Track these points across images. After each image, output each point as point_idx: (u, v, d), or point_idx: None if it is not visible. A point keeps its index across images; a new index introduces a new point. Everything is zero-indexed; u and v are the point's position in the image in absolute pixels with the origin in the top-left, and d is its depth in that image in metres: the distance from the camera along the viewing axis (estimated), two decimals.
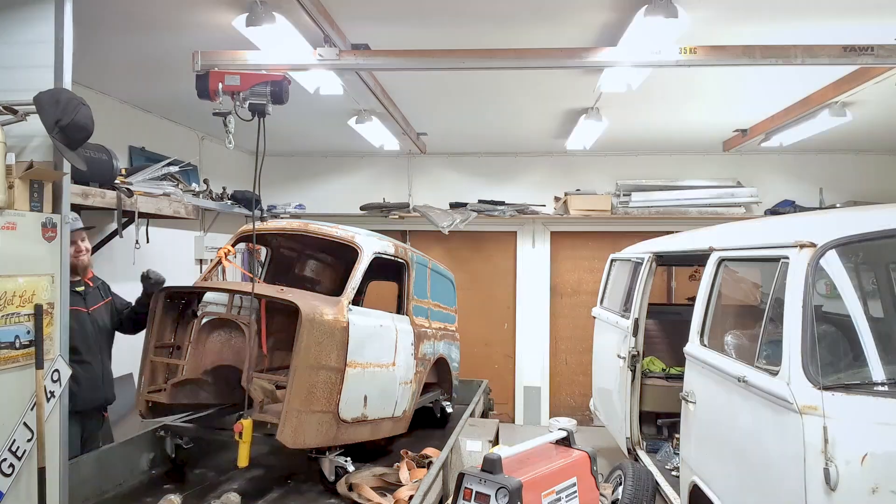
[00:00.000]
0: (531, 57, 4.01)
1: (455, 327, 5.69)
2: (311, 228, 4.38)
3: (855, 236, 2.73)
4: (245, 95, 3.51)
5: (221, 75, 3.53)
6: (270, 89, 3.50)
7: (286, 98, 3.55)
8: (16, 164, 2.78)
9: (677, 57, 3.85)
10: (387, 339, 4.20)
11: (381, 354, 4.12)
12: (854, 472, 2.32)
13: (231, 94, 3.52)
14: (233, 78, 3.52)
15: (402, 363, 4.31)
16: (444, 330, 5.30)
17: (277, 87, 3.51)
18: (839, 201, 7.42)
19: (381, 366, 4.11)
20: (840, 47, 3.75)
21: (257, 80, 3.53)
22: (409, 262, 4.70)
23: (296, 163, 8.50)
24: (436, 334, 5.03)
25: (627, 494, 3.95)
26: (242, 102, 3.53)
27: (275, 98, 3.52)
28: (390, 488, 3.84)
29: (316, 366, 3.62)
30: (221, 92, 3.53)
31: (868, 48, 3.72)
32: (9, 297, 2.65)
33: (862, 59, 3.80)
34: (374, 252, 4.20)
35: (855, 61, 3.88)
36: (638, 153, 8.09)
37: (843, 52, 3.76)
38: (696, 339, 3.71)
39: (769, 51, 3.83)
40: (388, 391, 4.19)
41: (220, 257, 4.14)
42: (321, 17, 3.68)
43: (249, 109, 3.54)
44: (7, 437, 2.67)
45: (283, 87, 3.53)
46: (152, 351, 4.02)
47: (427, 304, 5.00)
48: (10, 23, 2.98)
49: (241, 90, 3.51)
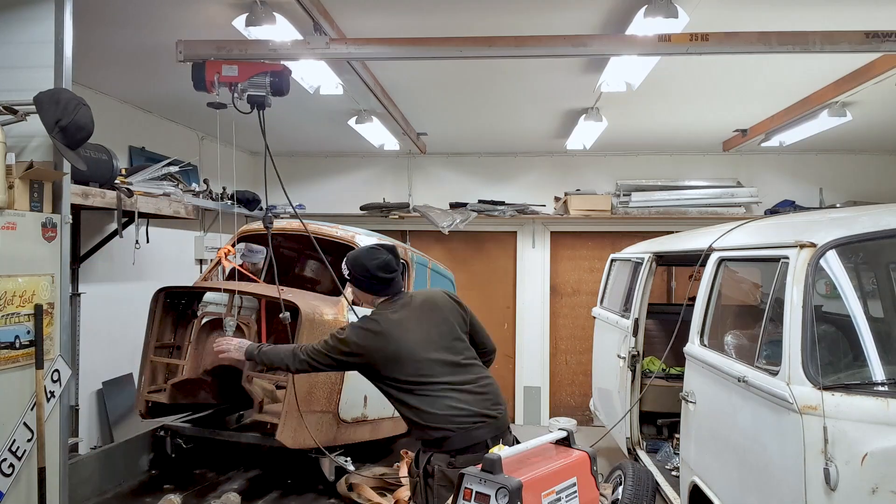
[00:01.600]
0: (532, 45, 3.76)
1: None
2: (311, 229, 4.38)
3: (855, 236, 2.73)
4: (244, 87, 3.31)
5: (218, 65, 3.31)
6: (270, 80, 3.31)
7: (287, 89, 3.36)
8: (16, 164, 2.78)
9: (687, 45, 3.58)
10: None
11: None
12: (854, 472, 2.32)
13: (229, 86, 3.32)
14: (230, 68, 3.30)
15: None
16: None
17: (278, 78, 3.32)
18: (839, 201, 7.42)
19: None
20: (862, 33, 3.48)
21: (256, 70, 3.31)
22: (410, 263, 4.70)
23: (296, 163, 8.50)
24: None
25: (627, 494, 3.95)
26: (241, 94, 3.33)
27: (275, 89, 3.33)
28: (390, 488, 3.84)
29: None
30: (218, 83, 3.32)
31: (892, 34, 3.47)
32: (9, 297, 2.65)
33: (886, 45, 3.51)
34: None
35: (878, 48, 3.58)
36: (638, 153, 8.09)
37: (865, 39, 3.49)
38: (696, 339, 3.70)
39: (786, 37, 3.57)
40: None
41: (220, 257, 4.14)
42: (321, 17, 3.67)
43: (248, 102, 3.34)
44: (7, 437, 2.67)
45: (283, 77, 3.34)
46: (152, 351, 4.03)
47: None
48: (10, 23, 2.99)
49: (239, 81, 3.30)
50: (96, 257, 5.03)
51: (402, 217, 8.02)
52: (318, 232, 4.38)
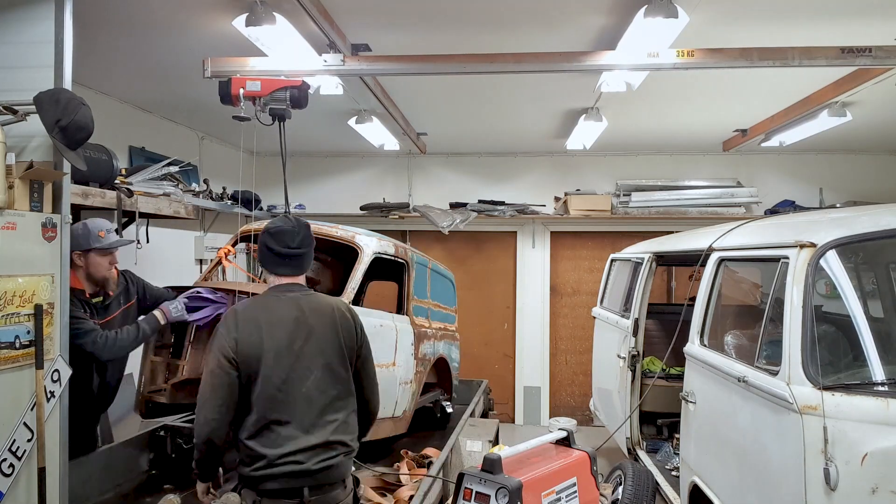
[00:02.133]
0: (530, 61, 4.05)
1: (455, 327, 5.69)
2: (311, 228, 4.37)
3: (855, 236, 2.73)
4: (266, 101, 3.62)
5: (243, 81, 3.64)
6: (290, 94, 3.62)
7: (305, 102, 3.68)
8: (16, 164, 2.78)
9: (674, 60, 3.86)
10: (387, 339, 4.20)
11: (382, 354, 4.12)
12: (854, 472, 2.33)
13: (252, 100, 3.63)
14: (254, 84, 3.63)
15: (403, 363, 4.31)
16: (444, 330, 5.29)
17: (297, 92, 3.64)
18: (839, 201, 7.42)
19: (382, 366, 4.11)
20: (838, 48, 3.74)
21: (277, 85, 3.65)
22: (410, 262, 4.69)
23: (296, 163, 8.50)
24: (436, 334, 5.03)
25: (627, 494, 3.96)
26: (263, 108, 3.64)
27: (294, 102, 3.63)
28: (390, 488, 3.84)
29: None
30: (243, 97, 3.63)
31: (866, 49, 3.71)
32: (9, 297, 2.65)
33: (860, 60, 3.77)
34: (375, 252, 4.19)
35: (853, 63, 3.85)
36: (638, 153, 8.09)
37: (840, 54, 3.74)
38: (696, 339, 3.71)
39: (766, 53, 3.82)
40: (388, 391, 4.19)
41: (220, 257, 4.14)
42: (321, 17, 3.68)
43: (270, 114, 3.66)
44: (7, 437, 2.67)
45: (302, 91, 3.66)
46: (152, 351, 4.02)
47: (427, 304, 5.00)
48: (10, 23, 2.98)
49: (261, 95, 3.62)
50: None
51: (402, 217, 8.02)
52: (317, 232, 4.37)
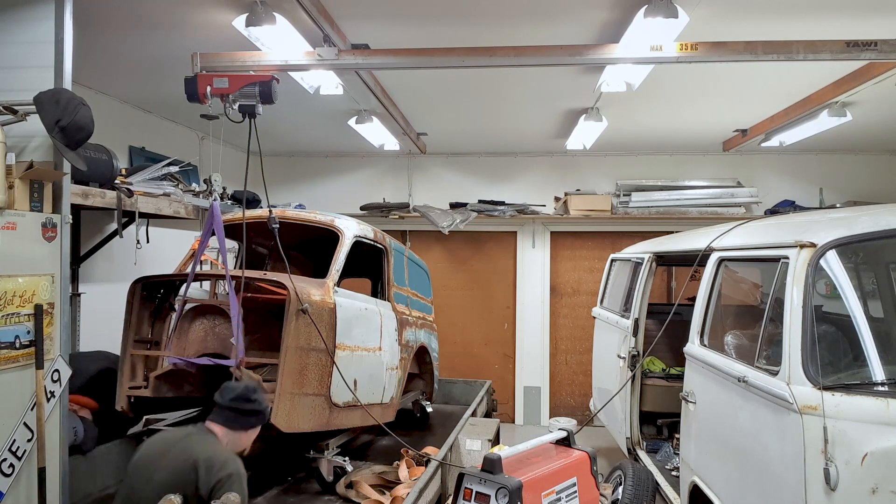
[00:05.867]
0: (531, 55, 3.99)
1: (433, 318, 5.72)
2: (290, 215, 4.36)
3: (855, 236, 2.73)
4: (234, 97, 3.53)
5: (210, 78, 3.54)
6: (259, 90, 3.52)
7: (275, 98, 3.59)
8: (16, 164, 2.78)
9: (677, 54, 3.82)
10: (372, 323, 4.21)
11: (368, 338, 4.13)
12: (854, 472, 2.32)
13: (220, 97, 3.54)
14: (221, 81, 3.53)
15: (388, 348, 4.33)
16: (424, 319, 5.34)
17: (266, 88, 3.54)
18: (839, 201, 7.42)
19: (369, 349, 4.13)
20: (843, 42, 3.70)
21: (245, 81, 3.55)
22: (388, 248, 4.71)
23: (296, 163, 8.50)
24: (416, 322, 5.07)
25: (627, 494, 3.95)
26: (232, 104, 3.55)
27: (263, 98, 3.54)
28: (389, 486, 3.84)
29: (306, 347, 3.62)
30: (210, 95, 3.54)
31: (871, 43, 3.67)
32: (9, 297, 2.65)
33: (865, 54, 3.72)
34: (355, 235, 4.22)
35: (858, 57, 3.80)
36: (638, 153, 8.09)
37: (845, 48, 3.70)
38: (696, 339, 3.70)
39: (771, 47, 3.79)
40: (376, 376, 4.20)
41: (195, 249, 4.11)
42: (321, 16, 3.68)
43: (240, 111, 3.57)
44: (7, 437, 2.67)
45: (270, 87, 3.56)
46: (131, 345, 3.93)
47: (406, 291, 5.04)
48: (10, 23, 2.99)
49: (229, 92, 3.52)
50: (96, 257, 5.04)
51: (402, 217, 8.02)
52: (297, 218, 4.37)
